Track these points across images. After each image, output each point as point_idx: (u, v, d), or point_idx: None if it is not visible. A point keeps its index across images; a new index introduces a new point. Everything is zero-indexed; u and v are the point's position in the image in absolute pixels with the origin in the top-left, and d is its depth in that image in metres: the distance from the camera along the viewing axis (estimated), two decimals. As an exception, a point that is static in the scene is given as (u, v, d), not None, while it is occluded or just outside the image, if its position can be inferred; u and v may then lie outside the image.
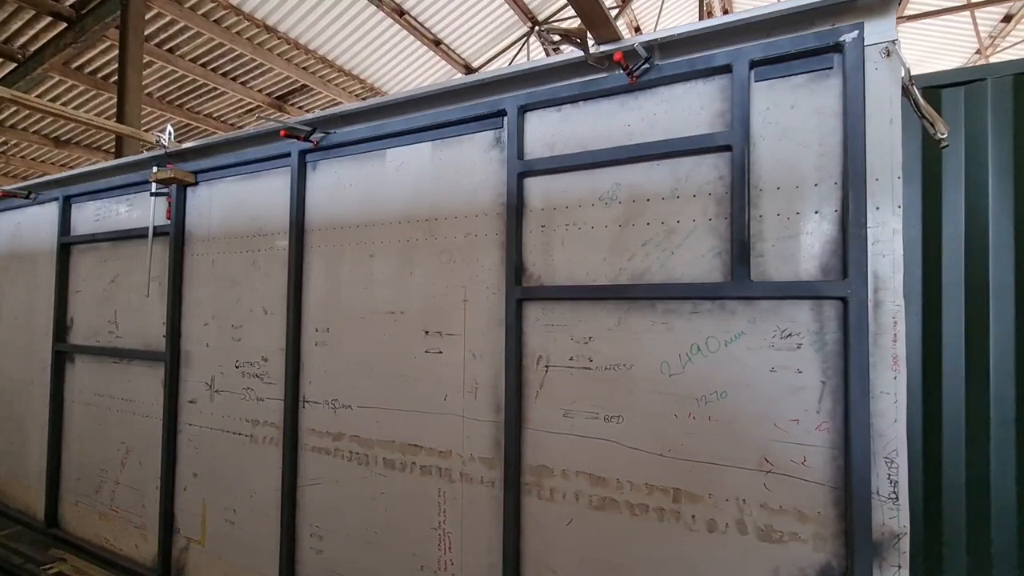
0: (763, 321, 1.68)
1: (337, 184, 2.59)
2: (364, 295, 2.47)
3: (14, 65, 7.46)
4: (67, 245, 3.77)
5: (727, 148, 1.74)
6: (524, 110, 2.11)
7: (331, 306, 2.57)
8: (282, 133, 2.45)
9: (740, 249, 1.69)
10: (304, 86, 9.74)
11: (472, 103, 2.23)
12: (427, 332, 2.30)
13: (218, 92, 9.57)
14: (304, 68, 9.31)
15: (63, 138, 10.62)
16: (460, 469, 2.20)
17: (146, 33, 6.98)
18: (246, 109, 10.36)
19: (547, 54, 11.23)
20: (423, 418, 2.29)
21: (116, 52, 7.00)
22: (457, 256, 2.25)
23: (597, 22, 1.74)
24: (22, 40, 7.27)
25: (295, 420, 2.63)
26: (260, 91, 9.78)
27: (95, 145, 11.02)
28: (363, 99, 10.54)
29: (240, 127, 10.86)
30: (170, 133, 3.03)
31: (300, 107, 10.47)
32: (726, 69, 1.75)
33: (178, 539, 3.09)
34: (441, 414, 2.25)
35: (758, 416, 1.68)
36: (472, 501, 2.17)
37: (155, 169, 3.08)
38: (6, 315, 4.29)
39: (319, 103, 10.53)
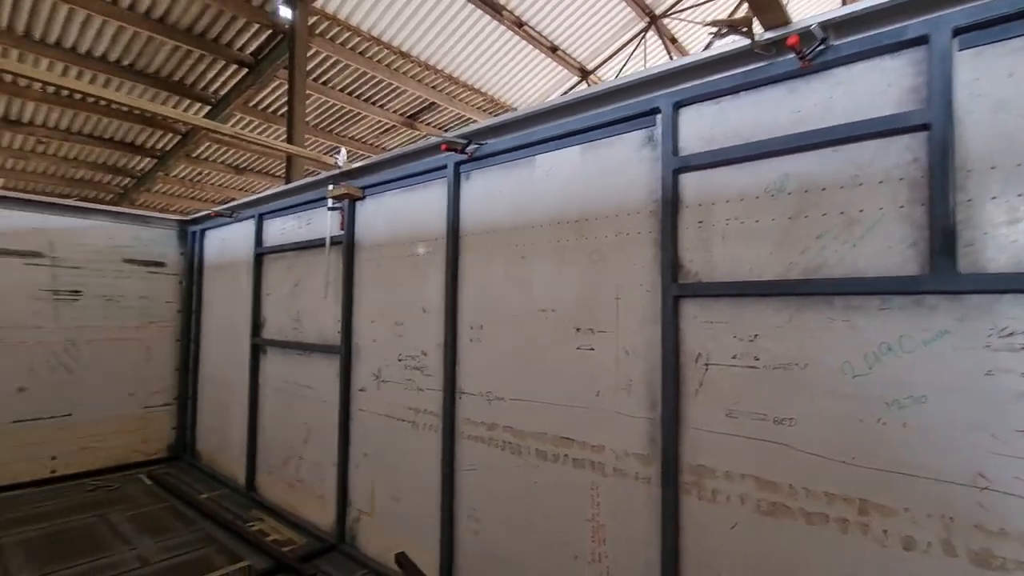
0: (974, 318, 1.49)
1: (489, 191, 2.79)
2: (516, 294, 2.63)
3: (209, 107, 9.03)
4: (260, 255, 4.50)
5: (923, 127, 1.58)
6: (679, 106, 2.10)
7: (484, 305, 2.77)
8: (443, 147, 2.71)
9: (944, 238, 1.52)
10: (433, 104, 10.49)
11: (622, 104, 2.27)
12: (578, 329, 2.38)
13: (360, 116, 10.68)
14: (433, 87, 10.04)
15: (241, 167, 12.59)
16: (613, 464, 2.25)
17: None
18: (383, 129, 11.43)
19: (666, 49, 10.85)
20: (575, 412, 2.38)
21: (284, 88, 8.17)
22: (608, 255, 2.30)
23: (765, 7, 1.68)
24: (215, 86, 8.80)
25: (452, 409, 2.88)
26: (395, 112, 10.73)
27: (267, 172, 12.90)
28: (494, 113, 11.07)
29: (378, 146, 12.01)
30: (343, 155, 3.48)
31: (429, 123, 11.29)
32: (921, 41, 1.59)
33: (351, 510, 3.52)
34: (593, 409, 2.32)
35: (969, 425, 1.49)
36: (626, 496, 2.20)
37: (331, 187, 3.57)
38: (216, 314, 5.23)
39: (446, 119, 11.27)
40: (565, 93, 10.71)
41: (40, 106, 8.92)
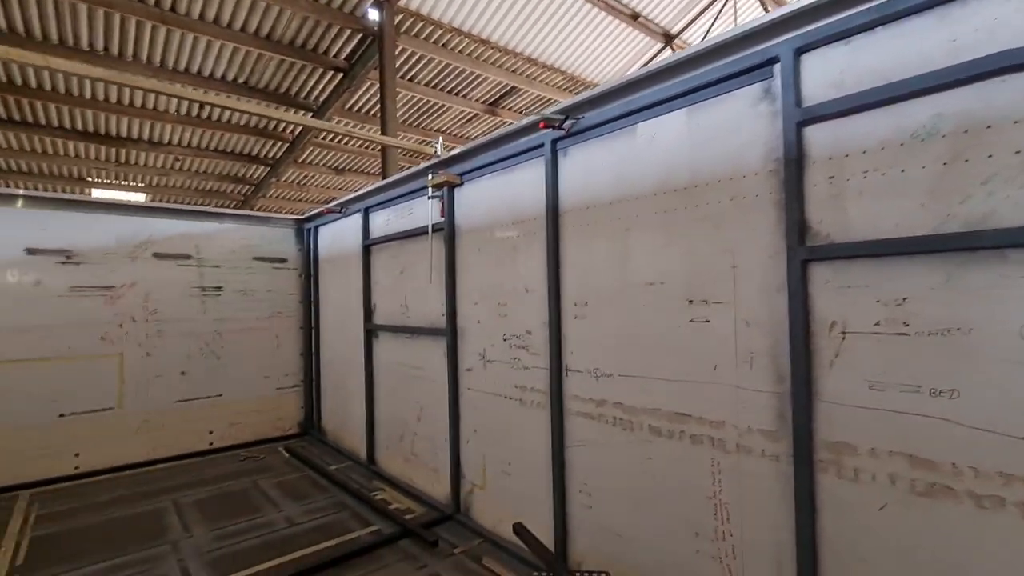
0: None
1: (588, 165, 2.74)
2: (621, 269, 2.58)
3: (311, 113, 9.76)
4: (368, 247, 4.82)
5: None
6: (800, 52, 1.92)
7: (588, 282, 2.76)
8: (541, 125, 2.71)
9: None
10: (513, 88, 10.51)
11: (732, 59, 2.12)
12: (691, 301, 2.29)
13: (443, 108, 10.98)
14: (513, 71, 10.05)
15: (341, 167, 13.51)
16: (736, 440, 2.15)
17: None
18: (466, 119, 11.66)
19: (761, 2, 9.94)
20: (691, 387, 2.30)
21: (375, 89, 8.61)
22: (722, 221, 2.18)
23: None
24: (315, 94, 9.48)
25: (559, 387, 2.91)
26: (477, 100, 10.89)
27: (363, 171, 13.74)
28: (574, 92, 10.86)
29: (462, 136, 12.29)
30: (440, 144, 3.60)
31: (510, 108, 11.33)
32: None
33: (464, 483, 3.71)
34: (711, 384, 2.23)
35: None
36: (753, 474, 2.10)
37: (430, 176, 3.72)
38: (332, 303, 5.71)
39: (526, 102, 11.24)
40: (647, 63, 10.21)
41: (176, 127, 10.19)
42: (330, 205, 5.37)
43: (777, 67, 1.98)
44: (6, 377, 4.43)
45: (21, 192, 4.60)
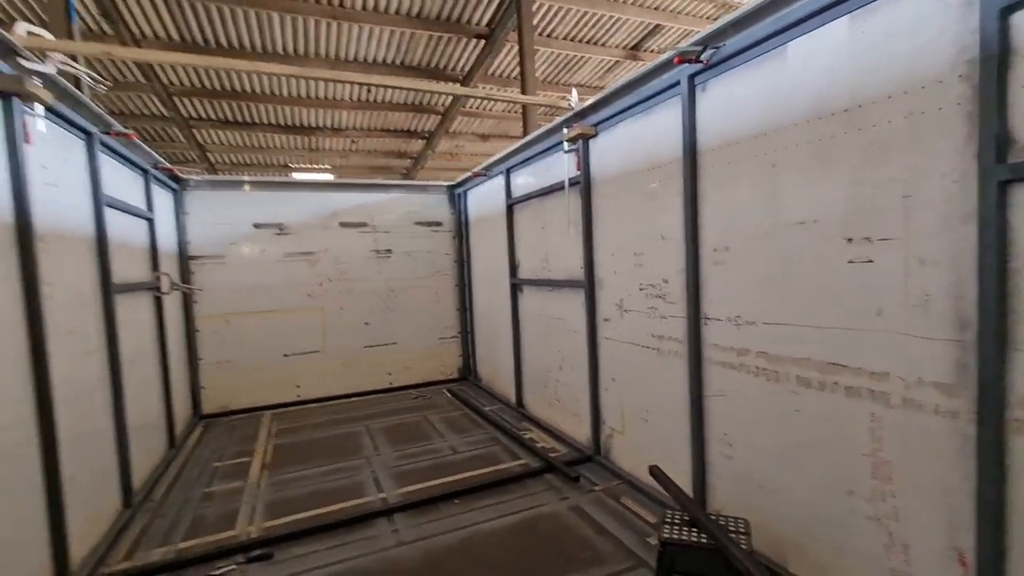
0: None
1: (730, 99, 2.54)
2: (766, 209, 2.38)
3: (458, 83, 10.31)
4: (511, 206, 5.09)
5: None
6: (1007, -82, 1.52)
7: (729, 225, 2.60)
8: (676, 60, 2.57)
9: None
10: (657, 27, 9.75)
11: (910, -56, 1.76)
12: (850, 240, 2.03)
13: (582, 60, 10.68)
14: (655, 8, 9.31)
15: (486, 135, 14.14)
16: (902, 394, 1.91)
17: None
18: (606, 68, 11.21)
19: None
20: (847, 335, 2.08)
21: (515, 51, 8.75)
22: (891, 145, 1.88)
23: None
24: (460, 64, 9.98)
25: (697, 336, 2.83)
26: (617, 46, 10.37)
27: (506, 135, 14.20)
28: (714, 18, 9.75)
29: (602, 88, 11.88)
30: (575, 95, 3.61)
31: (652, 50, 10.58)
32: None
33: (604, 428, 3.87)
34: (872, 331, 1.99)
35: None
36: (921, 432, 1.85)
37: (565, 130, 3.77)
38: (481, 261, 6.19)
39: (671, 39, 10.37)
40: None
41: (350, 112, 11.65)
42: (477, 169, 5.75)
43: (973, -57, 1.60)
44: (249, 326, 5.77)
45: (247, 179, 5.81)
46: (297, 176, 15.14)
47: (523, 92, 7.65)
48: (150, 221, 4.31)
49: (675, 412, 3.06)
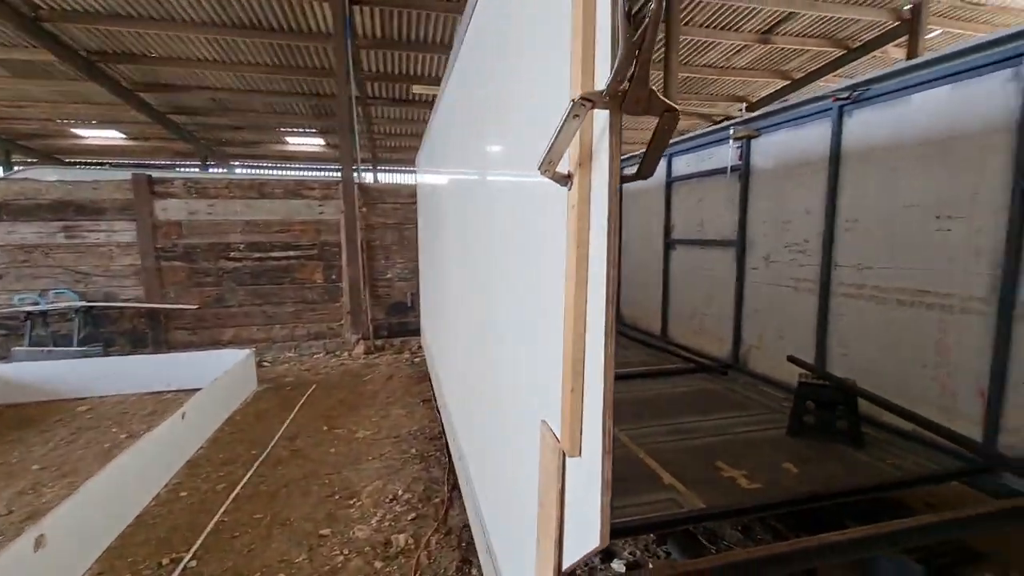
0: None
1: (867, 124, 3.97)
2: (886, 196, 3.84)
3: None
4: (669, 183, 6.69)
5: None
6: (1041, 50, 2.90)
7: (858, 204, 4.07)
8: (832, 99, 4.04)
9: None
10: (791, 14, 10.50)
11: (990, 52, 3.14)
12: (938, 217, 3.49)
13: (714, 44, 11.66)
14: (791, -5, 10.07)
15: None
16: (960, 306, 3.39)
17: (676, 21, 9.64)
18: (735, 51, 12.09)
19: None
20: (930, 273, 3.55)
21: (661, 37, 10.04)
22: (968, 162, 3.30)
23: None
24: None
25: (828, 277, 4.36)
26: (750, 31, 11.23)
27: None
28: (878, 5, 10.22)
29: (729, 68, 12.74)
30: (743, 109, 5.09)
31: (787, 33, 11.30)
32: None
33: (743, 345, 5.50)
34: (945, 270, 3.46)
35: None
36: (967, 325, 3.33)
37: (732, 131, 5.29)
38: (638, 226, 7.86)
39: (804, 25, 11.02)
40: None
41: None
42: (635, 154, 7.35)
43: None
44: None
45: None
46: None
47: (666, 80, 8.99)
48: None
49: (805, 329, 4.63)
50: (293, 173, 24.41)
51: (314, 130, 18.54)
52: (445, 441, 5.13)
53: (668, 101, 1.06)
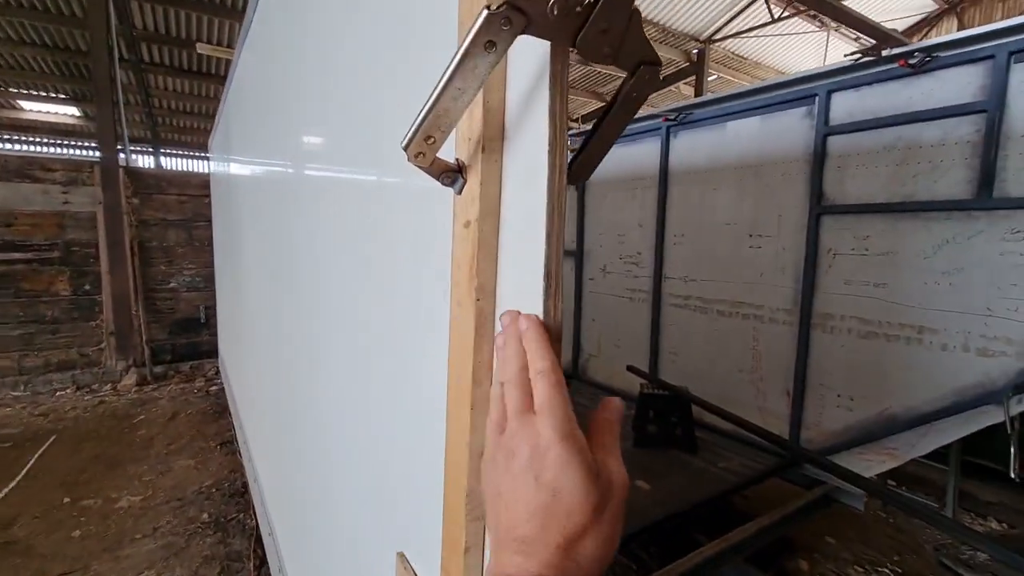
0: (997, 223, 2.68)
1: (691, 144, 4.24)
2: (708, 214, 4.14)
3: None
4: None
5: (984, 111, 2.69)
6: (831, 91, 3.32)
7: (684, 220, 4.34)
8: (663, 119, 4.22)
9: (986, 176, 2.69)
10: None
11: (789, 90, 3.53)
12: (751, 235, 3.85)
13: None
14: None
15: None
16: (769, 315, 3.77)
17: None
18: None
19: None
20: (745, 286, 3.90)
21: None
22: (775, 187, 3.68)
23: (887, 40, 2.85)
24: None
25: (659, 287, 4.58)
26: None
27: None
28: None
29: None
30: (579, 122, 5.12)
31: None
32: (988, 57, 2.66)
33: (583, 354, 5.57)
34: (758, 284, 3.82)
35: (986, 283, 2.73)
36: (776, 333, 3.73)
37: (568, 143, 5.30)
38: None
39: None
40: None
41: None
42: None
43: (816, 99, 3.39)
44: None
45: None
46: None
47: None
48: None
49: (640, 338, 4.82)
50: (28, 149, 18.64)
51: (63, 96, 14.33)
52: (250, 499, 4.06)
53: (651, 47, 0.62)
